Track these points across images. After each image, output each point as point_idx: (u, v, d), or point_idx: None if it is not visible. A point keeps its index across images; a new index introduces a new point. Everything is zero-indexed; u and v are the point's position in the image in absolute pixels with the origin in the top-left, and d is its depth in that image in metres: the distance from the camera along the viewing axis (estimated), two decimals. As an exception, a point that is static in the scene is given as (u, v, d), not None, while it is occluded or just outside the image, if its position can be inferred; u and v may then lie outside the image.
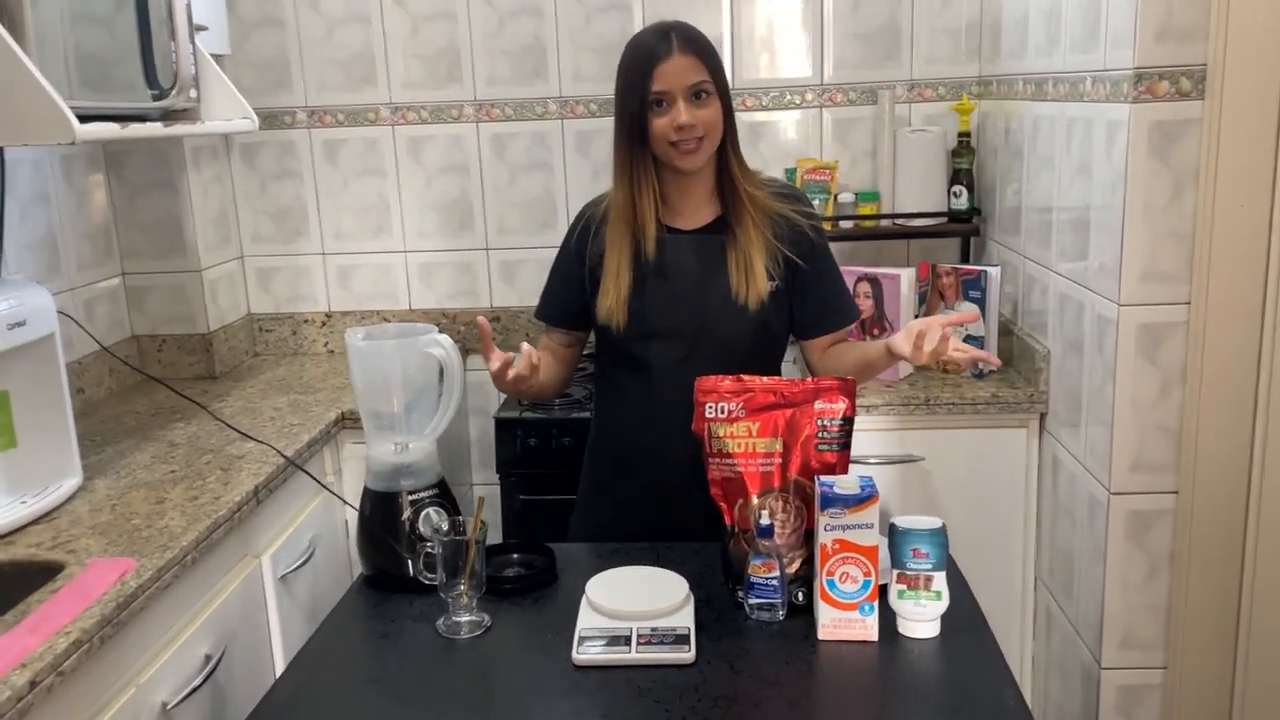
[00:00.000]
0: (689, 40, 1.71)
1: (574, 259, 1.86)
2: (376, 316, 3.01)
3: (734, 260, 1.77)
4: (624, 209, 1.77)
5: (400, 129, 2.91)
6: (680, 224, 1.80)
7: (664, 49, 1.69)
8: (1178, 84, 1.80)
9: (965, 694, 1.33)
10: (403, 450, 1.64)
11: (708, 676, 1.35)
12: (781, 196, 1.83)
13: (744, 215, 1.78)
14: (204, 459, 2.04)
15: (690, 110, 1.69)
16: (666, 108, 1.69)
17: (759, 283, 1.76)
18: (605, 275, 1.79)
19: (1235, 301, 1.83)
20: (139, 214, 2.66)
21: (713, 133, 1.72)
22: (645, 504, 1.84)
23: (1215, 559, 1.93)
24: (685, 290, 1.78)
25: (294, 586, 2.06)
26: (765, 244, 1.77)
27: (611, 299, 1.77)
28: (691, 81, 1.69)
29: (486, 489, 2.98)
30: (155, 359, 2.73)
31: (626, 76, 1.73)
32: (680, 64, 1.69)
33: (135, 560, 1.56)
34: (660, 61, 1.68)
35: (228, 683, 1.77)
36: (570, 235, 1.89)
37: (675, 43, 1.69)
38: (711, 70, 1.71)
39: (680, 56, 1.69)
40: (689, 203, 1.80)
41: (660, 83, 1.68)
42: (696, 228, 1.80)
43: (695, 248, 1.79)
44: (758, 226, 1.78)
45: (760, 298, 1.76)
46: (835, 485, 1.42)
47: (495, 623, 1.50)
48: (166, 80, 2.01)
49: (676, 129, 1.69)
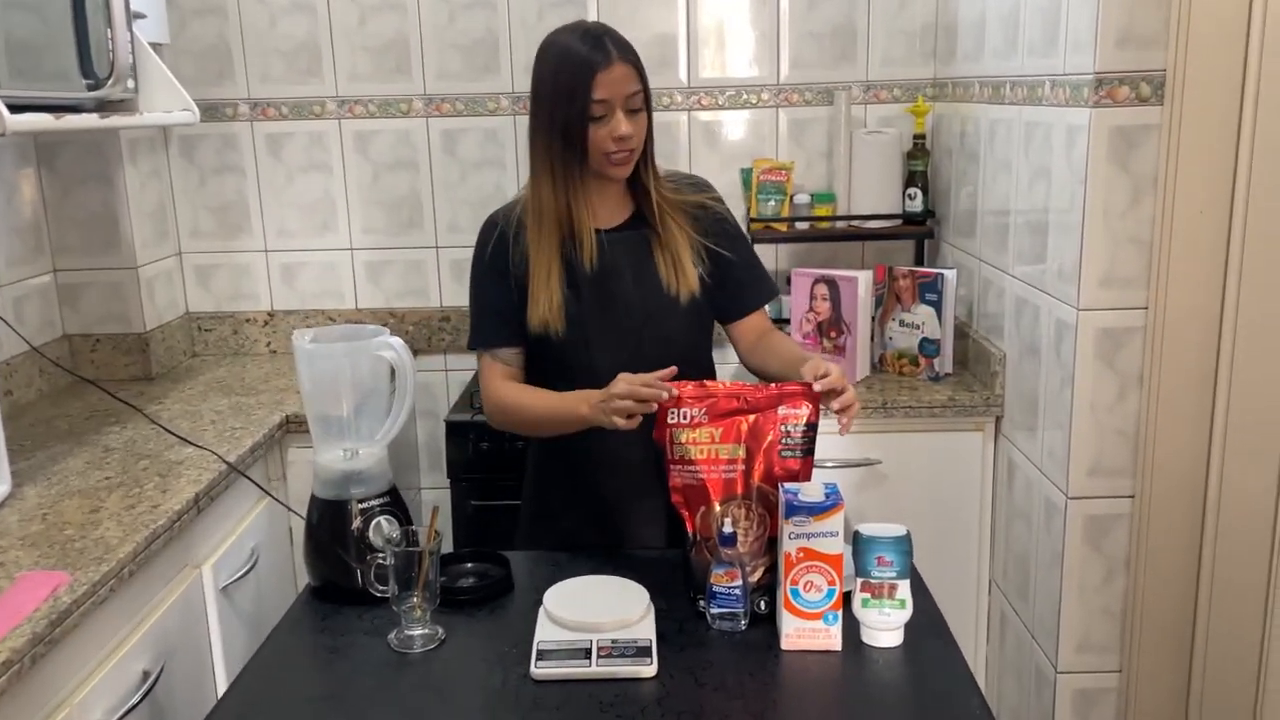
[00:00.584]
0: (623, 48, 1.66)
1: (495, 273, 1.78)
2: (321, 316, 2.93)
3: (661, 256, 1.75)
4: (554, 214, 1.71)
5: (347, 123, 2.83)
6: (600, 224, 1.76)
7: (602, 57, 1.63)
8: (1138, 89, 1.80)
9: (931, 703, 1.32)
10: (352, 456, 1.58)
11: (671, 690, 1.32)
12: (691, 187, 1.83)
13: (664, 209, 1.76)
14: (141, 465, 1.96)
15: (629, 121, 1.65)
16: (606, 118, 1.65)
17: (689, 275, 1.75)
18: (534, 284, 1.72)
19: (1193, 307, 1.84)
20: (72, 209, 2.56)
21: (640, 143, 1.70)
22: (600, 514, 1.80)
23: (1171, 563, 1.94)
24: (623, 290, 1.75)
25: (236, 598, 1.98)
26: (688, 236, 1.76)
27: (544, 307, 1.71)
28: (629, 91, 1.65)
29: (436, 493, 2.91)
30: (89, 359, 2.62)
31: (560, 82, 1.65)
32: (620, 73, 1.64)
33: (68, 574, 1.48)
34: (600, 70, 1.62)
35: (167, 700, 1.69)
36: (482, 251, 1.79)
37: (613, 50, 1.64)
38: (643, 79, 1.68)
39: (620, 65, 1.64)
40: (607, 203, 1.77)
41: (601, 92, 1.63)
42: (614, 226, 1.77)
43: (624, 247, 1.75)
44: (677, 221, 1.77)
45: (691, 289, 1.75)
46: (800, 493, 1.40)
47: (450, 636, 1.46)
48: (102, 70, 1.93)
49: (615, 139, 1.65)
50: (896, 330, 2.55)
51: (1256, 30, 1.70)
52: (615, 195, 1.78)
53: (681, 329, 1.78)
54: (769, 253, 2.84)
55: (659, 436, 1.50)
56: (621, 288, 1.75)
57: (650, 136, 1.73)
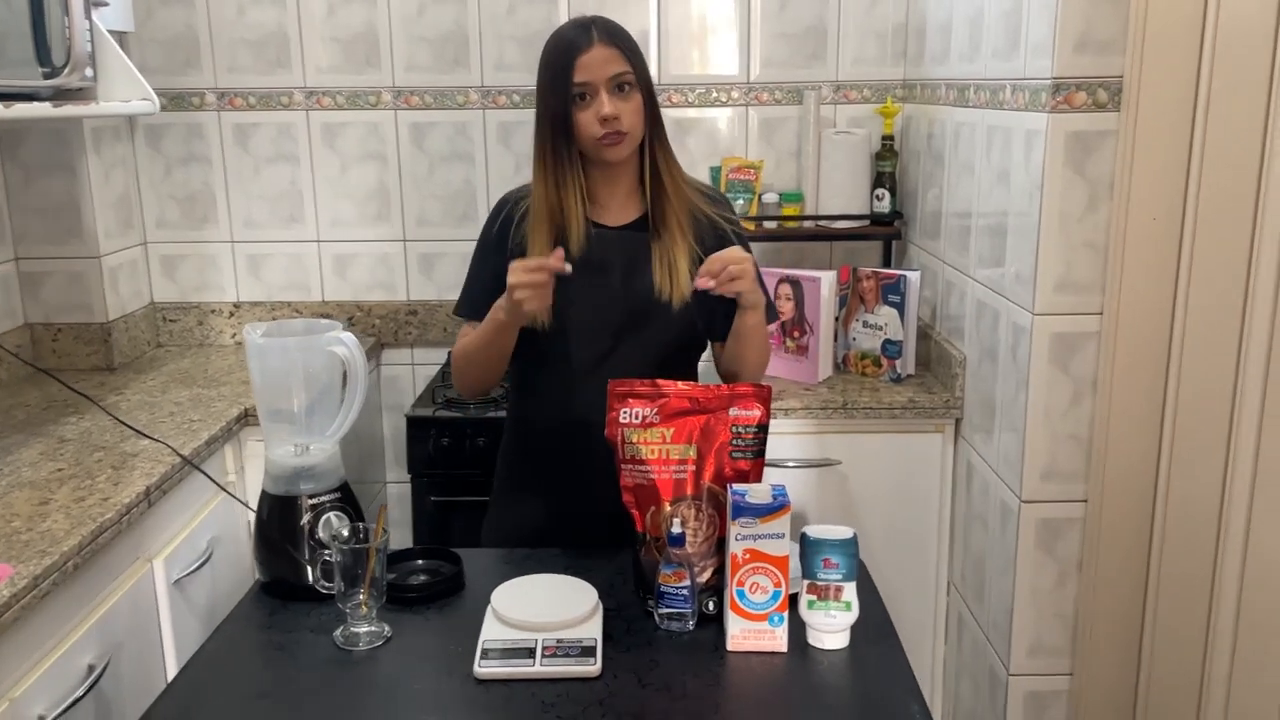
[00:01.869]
0: (609, 32, 1.69)
1: (495, 250, 1.80)
2: (288, 308, 2.91)
3: (659, 258, 1.74)
4: (547, 205, 1.73)
5: (315, 114, 2.81)
6: (606, 220, 1.77)
7: (584, 40, 1.66)
8: (1095, 95, 1.81)
9: (871, 706, 1.32)
10: (303, 452, 1.57)
11: (614, 690, 1.32)
12: (707, 200, 1.82)
13: (669, 214, 1.75)
14: (95, 457, 1.95)
15: (613, 101, 1.65)
16: (589, 100, 1.66)
17: (682, 282, 1.74)
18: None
19: (1145, 313, 1.85)
20: (34, 197, 2.54)
21: (636, 126, 1.69)
22: (563, 507, 1.80)
23: (1122, 567, 1.95)
24: (608, 287, 1.75)
25: (190, 591, 1.97)
26: (689, 246, 1.75)
27: None
28: (612, 72, 1.66)
29: (399, 488, 2.91)
30: (50, 348, 2.60)
31: (548, 70, 1.70)
32: (601, 55, 1.66)
33: (11, 567, 1.47)
34: (580, 53, 1.65)
35: (114, 693, 1.68)
36: (490, 226, 1.83)
37: (595, 34, 1.67)
38: (633, 63, 1.68)
39: (601, 48, 1.66)
40: (615, 199, 1.77)
41: (581, 74, 1.65)
42: (622, 224, 1.77)
43: (621, 245, 1.76)
44: (682, 227, 1.75)
45: (683, 297, 1.74)
46: (747, 494, 1.40)
47: (396, 633, 1.45)
48: (59, 58, 1.91)
49: (601, 120, 1.65)
50: (860, 331, 2.55)
51: (1209, 39, 1.71)
52: (625, 191, 1.77)
53: (665, 336, 1.76)
54: (737, 251, 2.84)
55: (610, 435, 1.50)
56: (608, 283, 1.75)
57: (659, 125, 1.73)
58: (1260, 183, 1.66)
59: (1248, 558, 1.72)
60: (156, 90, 2.24)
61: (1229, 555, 1.75)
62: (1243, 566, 1.73)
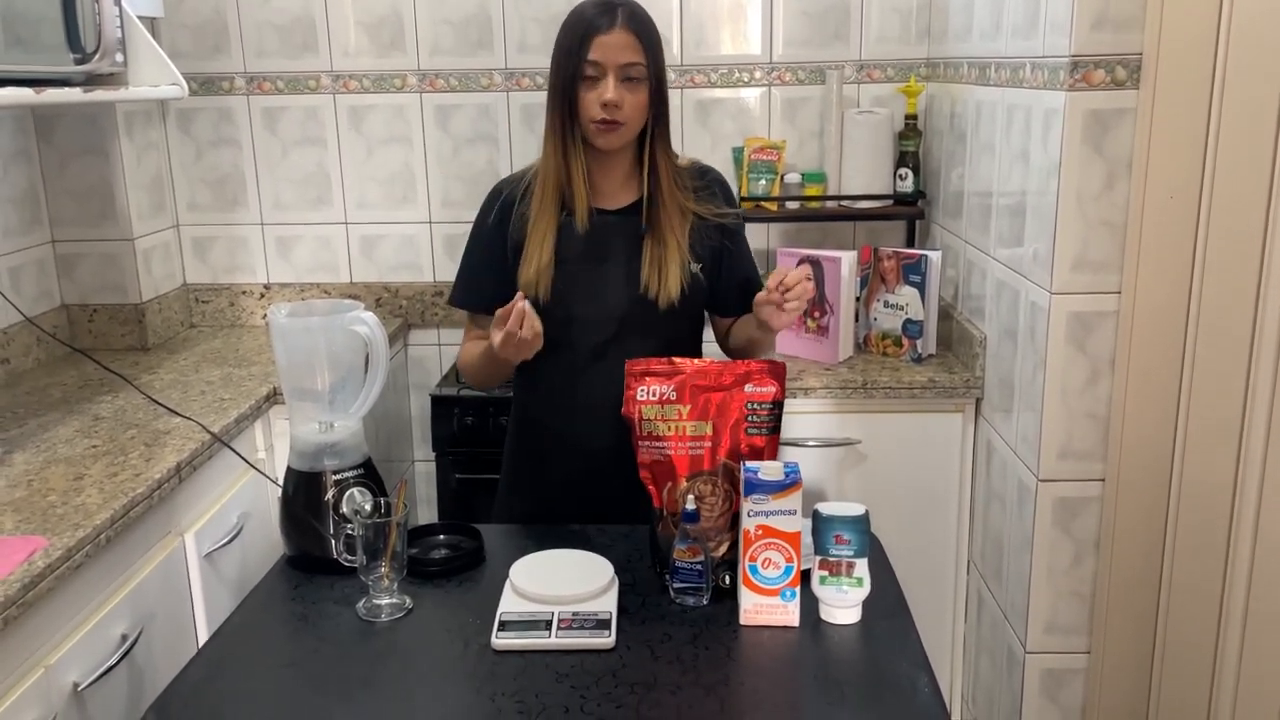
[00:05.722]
0: (633, 18, 1.68)
1: (494, 238, 1.82)
2: (316, 289, 2.96)
3: (649, 257, 1.76)
4: (556, 177, 1.74)
5: (341, 98, 2.85)
6: (603, 203, 1.79)
7: (606, 21, 1.67)
8: (1113, 73, 1.80)
9: (880, 680, 1.34)
10: (327, 429, 1.61)
11: (627, 661, 1.35)
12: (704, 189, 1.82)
13: (661, 216, 1.76)
14: (128, 434, 2.00)
15: (619, 89, 1.66)
16: (597, 81, 1.67)
17: (670, 285, 1.75)
18: (530, 243, 1.76)
19: (1163, 292, 1.84)
20: (69, 180, 2.59)
21: (635, 120, 1.70)
22: (566, 493, 1.83)
23: (1138, 546, 1.95)
24: (610, 274, 1.77)
25: (220, 565, 2.03)
26: (681, 242, 1.77)
27: (534, 265, 1.75)
28: (626, 60, 1.67)
29: (425, 466, 2.95)
30: (86, 329, 2.66)
31: (564, 39, 1.70)
32: (619, 39, 1.66)
33: (46, 539, 1.52)
34: (600, 32, 1.66)
35: (146, 662, 1.74)
36: (486, 214, 1.84)
37: (620, 17, 1.67)
38: (649, 54, 1.68)
39: (621, 32, 1.66)
40: (611, 182, 1.79)
41: (596, 53, 1.66)
42: (619, 209, 1.79)
43: (621, 229, 1.77)
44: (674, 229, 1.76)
45: (670, 300, 1.76)
46: (760, 471, 1.42)
47: (417, 606, 1.49)
48: (90, 44, 1.95)
49: (602, 104, 1.66)
50: (881, 311, 2.56)
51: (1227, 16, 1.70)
52: (620, 176, 1.79)
53: (664, 325, 1.79)
54: (759, 232, 2.85)
55: (628, 412, 1.53)
56: (608, 271, 1.77)
57: (664, 119, 1.74)
58: (1278, 159, 1.65)
59: (1260, 536, 1.72)
60: (186, 75, 2.28)
61: (1244, 533, 1.75)
62: (1254, 544, 1.73)
